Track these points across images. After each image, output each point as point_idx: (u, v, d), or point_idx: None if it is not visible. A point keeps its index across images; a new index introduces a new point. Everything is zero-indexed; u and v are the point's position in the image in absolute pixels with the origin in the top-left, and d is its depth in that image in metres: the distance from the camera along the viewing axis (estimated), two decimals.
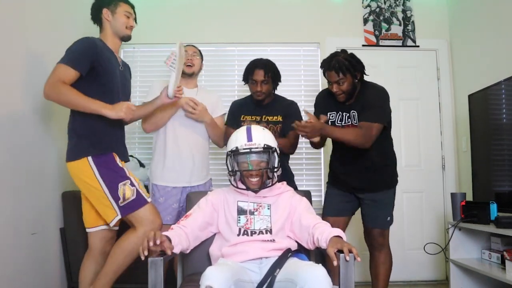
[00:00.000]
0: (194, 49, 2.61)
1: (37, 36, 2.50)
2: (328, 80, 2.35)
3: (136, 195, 2.05)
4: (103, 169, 2.03)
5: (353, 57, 2.33)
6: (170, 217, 2.47)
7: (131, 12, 2.27)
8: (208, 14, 3.64)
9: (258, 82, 2.54)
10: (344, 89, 2.30)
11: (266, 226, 1.85)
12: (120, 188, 2.01)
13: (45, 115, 2.57)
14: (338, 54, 2.32)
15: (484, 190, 2.81)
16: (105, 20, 2.22)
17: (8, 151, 2.20)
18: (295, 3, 3.67)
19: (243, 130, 1.90)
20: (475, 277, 2.73)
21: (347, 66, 2.26)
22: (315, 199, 2.88)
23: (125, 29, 2.23)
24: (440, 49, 3.67)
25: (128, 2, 2.28)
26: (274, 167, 1.88)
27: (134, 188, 2.05)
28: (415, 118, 3.65)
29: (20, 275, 2.26)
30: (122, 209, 2.02)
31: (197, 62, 2.59)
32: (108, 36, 2.22)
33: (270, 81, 2.57)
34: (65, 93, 1.96)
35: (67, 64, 1.99)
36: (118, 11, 2.21)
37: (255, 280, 1.67)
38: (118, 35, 2.23)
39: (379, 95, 2.36)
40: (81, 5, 2.56)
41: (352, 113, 2.36)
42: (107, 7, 2.21)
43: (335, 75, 2.27)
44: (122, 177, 2.06)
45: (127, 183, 2.04)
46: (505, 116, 2.67)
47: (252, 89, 2.60)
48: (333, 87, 2.32)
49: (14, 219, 2.23)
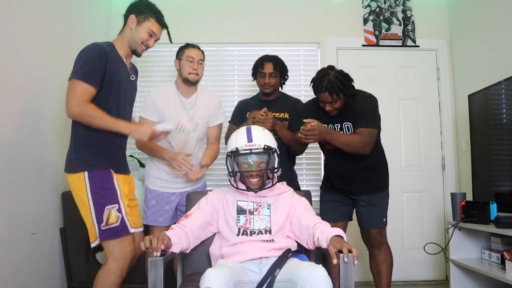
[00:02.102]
0: (201, 55, 2.50)
1: (37, 36, 2.50)
2: (320, 100, 2.31)
3: (120, 222, 1.92)
4: (95, 186, 1.92)
5: (344, 75, 2.30)
6: (163, 219, 2.46)
7: (156, 33, 2.10)
8: (208, 14, 3.65)
9: (267, 74, 2.61)
10: (337, 107, 2.29)
11: (266, 226, 1.85)
12: (106, 211, 1.90)
13: (45, 115, 2.57)
14: (328, 73, 2.28)
15: (484, 190, 2.81)
16: (127, 25, 2.10)
17: (8, 151, 2.20)
18: (295, 3, 3.68)
19: (243, 131, 1.90)
20: (475, 277, 2.73)
21: (339, 87, 2.23)
22: (315, 199, 2.86)
23: (139, 45, 2.09)
24: (440, 49, 3.67)
25: (161, 22, 2.12)
26: (274, 167, 1.88)
27: (120, 214, 1.93)
28: (415, 118, 3.65)
29: (20, 275, 2.26)
30: (102, 233, 1.90)
31: (201, 70, 2.49)
32: (123, 42, 2.10)
33: (278, 75, 2.65)
34: (93, 115, 1.89)
35: (84, 81, 1.88)
36: (144, 25, 2.07)
37: (255, 280, 1.67)
38: (131, 45, 2.10)
39: (370, 102, 2.36)
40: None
41: (345, 125, 2.35)
42: (136, 14, 2.07)
43: (329, 97, 2.24)
44: (112, 199, 1.93)
45: (115, 208, 1.92)
46: (505, 116, 2.67)
47: (260, 82, 2.65)
48: (325, 106, 2.30)
49: (14, 219, 2.23)
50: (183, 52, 2.48)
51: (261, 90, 2.68)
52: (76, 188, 1.96)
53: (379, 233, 2.42)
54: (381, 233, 2.43)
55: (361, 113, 2.30)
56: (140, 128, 2.01)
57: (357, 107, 2.32)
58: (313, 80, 2.33)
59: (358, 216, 2.49)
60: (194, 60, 2.45)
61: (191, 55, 2.45)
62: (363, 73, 3.63)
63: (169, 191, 2.48)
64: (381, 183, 2.46)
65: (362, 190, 2.40)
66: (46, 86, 2.55)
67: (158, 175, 2.48)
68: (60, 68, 2.66)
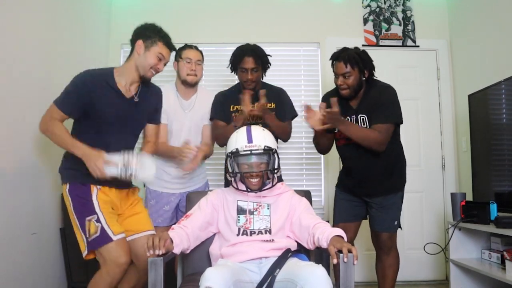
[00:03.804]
0: (199, 56, 2.48)
1: (37, 36, 2.50)
2: (335, 72, 2.29)
3: (100, 232, 1.92)
4: (75, 201, 1.97)
5: (365, 53, 2.30)
6: (162, 219, 2.46)
7: (165, 56, 2.07)
8: (208, 14, 3.65)
9: (249, 70, 2.41)
10: (350, 83, 2.24)
11: (266, 226, 1.85)
12: (87, 223, 1.93)
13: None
14: (349, 48, 2.29)
15: (484, 190, 2.81)
16: (135, 51, 2.05)
17: (8, 151, 2.20)
18: (295, 3, 3.68)
19: (243, 131, 1.90)
20: (475, 277, 2.73)
21: (356, 60, 2.22)
22: (315, 199, 2.88)
23: (149, 70, 2.05)
24: (440, 49, 3.67)
25: (169, 45, 2.09)
26: (274, 168, 1.87)
27: (99, 224, 1.93)
28: (415, 118, 3.64)
29: (20, 275, 2.26)
30: (89, 244, 1.94)
31: (200, 71, 2.47)
32: (129, 68, 2.06)
33: (260, 69, 2.46)
34: (55, 133, 1.95)
35: (58, 107, 1.96)
36: (152, 50, 2.03)
37: (255, 280, 1.67)
38: (139, 71, 2.06)
39: (387, 92, 2.30)
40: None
41: (360, 117, 2.29)
42: (143, 40, 2.04)
43: (343, 66, 2.22)
44: (90, 210, 1.95)
45: (93, 219, 1.93)
46: (505, 116, 2.67)
47: (242, 78, 2.46)
48: (338, 79, 2.27)
49: (14, 219, 2.23)
50: (181, 53, 2.47)
51: (243, 85, 2.49)
52: (65, 199, 2.03)
53: (389, 237, 2.36)
54: (392, 238, 2.38)
55: (377, 105, 2.24)
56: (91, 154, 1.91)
57: (374, 97, 2.27)
58: (333, 54, 2.32)
59: (370, 218, 2.44)
60: (192, 61, 2.44)
61: (189, 56, 2.44)
62: None
63: (168, 191, 2.48)
64: (396, 183, 2.37)
65: (375, 192, 2.32)
66: (46, 86, 2.54)
67: (159, 175, 2.46)
68: (60, 68, 2.67)
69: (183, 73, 2.44)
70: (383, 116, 2.23)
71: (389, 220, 2.35)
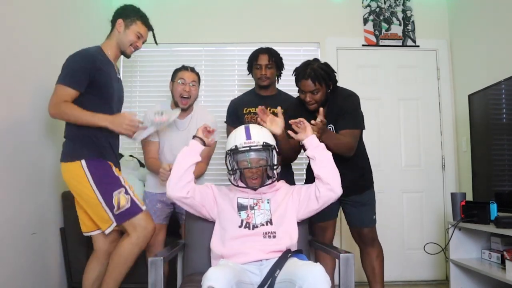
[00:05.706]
0: (194, 76, 2.49)
1: (37, 36, 2.50)
2: (301, 89, 2.27)
3: (131, 203, 2.05)
4: (97, 176, 2.03)
5: (328, 66, 2.29)
6: (154, 216, 2.45)
7: (143, 35, 2.25)
8: (208, 14, 3.64)
9: (263, 66, 2.62)
10: (318, 99, 2.24)
11: (267, 219, 1.87)
12: (115, 197, 2.02)
13: (45, 115, 2.56)
14: (312, 62, 2.27)
15: (484, 190, 2.81)
16: (115, 29, 2.22)
17: (8, 151, 2.19)
18: (295, 3, 3.67)
19: (242, 129, 1.92)
20: (475, 277, 2.73)
21: (323, 76, 2.21)
22: None
23: (129, 47, 2.23)
24: (440, 49, 3.67)
25: (147, 24, 2.27)
26: (273, 164, 1.89)
27: (128, 196, 2.06)
28: (415, 118, 3.65)
29: (20, 275, 2.26)
30: (117, 217, 2.03)
31: (194, 93, 2.47)
32: (111, 45, 2.22)
33: (274, 66, 2.65)
34: (69, 113, 2.02)
35: (66, 84, 2.02)
36: (131, 28, 2.21)
37: (256, 282, 1.67)
38: (120, 48, 2.23)
39: (352, 100, 2.32)
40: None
41: (328, 127, 2.29)
42: (123, 18, 2.21)
43: (311, 84, 2.21)
44: (117, 185, 2.06)
45: (122, 191, 2.05)
46: (505, 116, 2.67)
47: (256, 74, 2.66)
48: (306, 96, 2.25)
49: (14, 219, 2.23)
50: (176, 74, 2.49)
51: (258, 83, 2.69)
52: (74, 179, 2.05)
53: (370, 231, 2.43)
54: (373, 230, 2.44)
55: (343, 113, 2.27)
56: (115, 118, 2.07)
57: (339, 105, 2.29)
58: (296, 69, 2.30)
59: (347, 216, 2.48)
60: (186, 82, 2.44)
61: (183, 77, 2.45)
62: (363, 73, 3.64)
63: (160, 191, 2.49)
64: (368, 181, 2.46)
65: (351, 192, 2.33)
66: (46, 86, 2.53)
67: (152, 175, 2.55)
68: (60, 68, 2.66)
69: (176, 94, 2.45)
70: (352, 122, 2.27)
71: (368, 215, 2.42)
